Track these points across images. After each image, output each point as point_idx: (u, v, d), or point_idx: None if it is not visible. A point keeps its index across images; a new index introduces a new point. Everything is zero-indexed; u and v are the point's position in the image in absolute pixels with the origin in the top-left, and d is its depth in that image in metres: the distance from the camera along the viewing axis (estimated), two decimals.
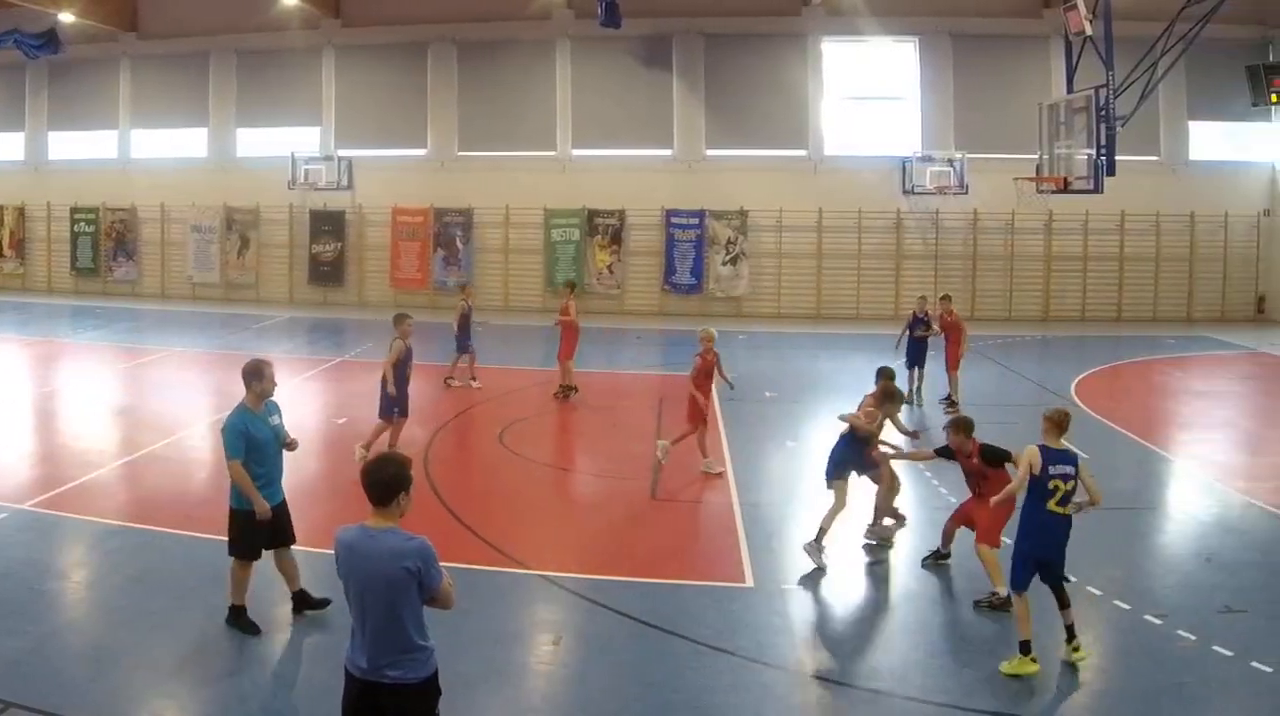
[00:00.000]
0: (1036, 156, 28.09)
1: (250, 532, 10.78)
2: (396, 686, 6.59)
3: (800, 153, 39.54)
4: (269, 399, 11.02)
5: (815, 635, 11.26)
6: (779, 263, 39.51)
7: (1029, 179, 28.32)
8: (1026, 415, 12.35)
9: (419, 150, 41.74)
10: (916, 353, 23.14)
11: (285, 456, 11.16)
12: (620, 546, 14.12)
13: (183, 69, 43.20)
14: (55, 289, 44.31)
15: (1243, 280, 38.67)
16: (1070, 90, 26.37)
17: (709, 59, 39.80)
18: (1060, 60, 28.85)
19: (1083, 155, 25.14)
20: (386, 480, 6.68)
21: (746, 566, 13.06)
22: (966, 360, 23.51)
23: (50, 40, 41.13)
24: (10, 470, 16.97)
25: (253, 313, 38.82)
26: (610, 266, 40.02)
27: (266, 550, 11.04)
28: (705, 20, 39.49)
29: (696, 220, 39.42)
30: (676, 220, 39.57)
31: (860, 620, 11.87)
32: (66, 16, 38.68)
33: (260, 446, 10.73)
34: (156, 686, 9.84)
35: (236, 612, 10.90)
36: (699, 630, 11.03)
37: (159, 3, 43.32)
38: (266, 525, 10.76)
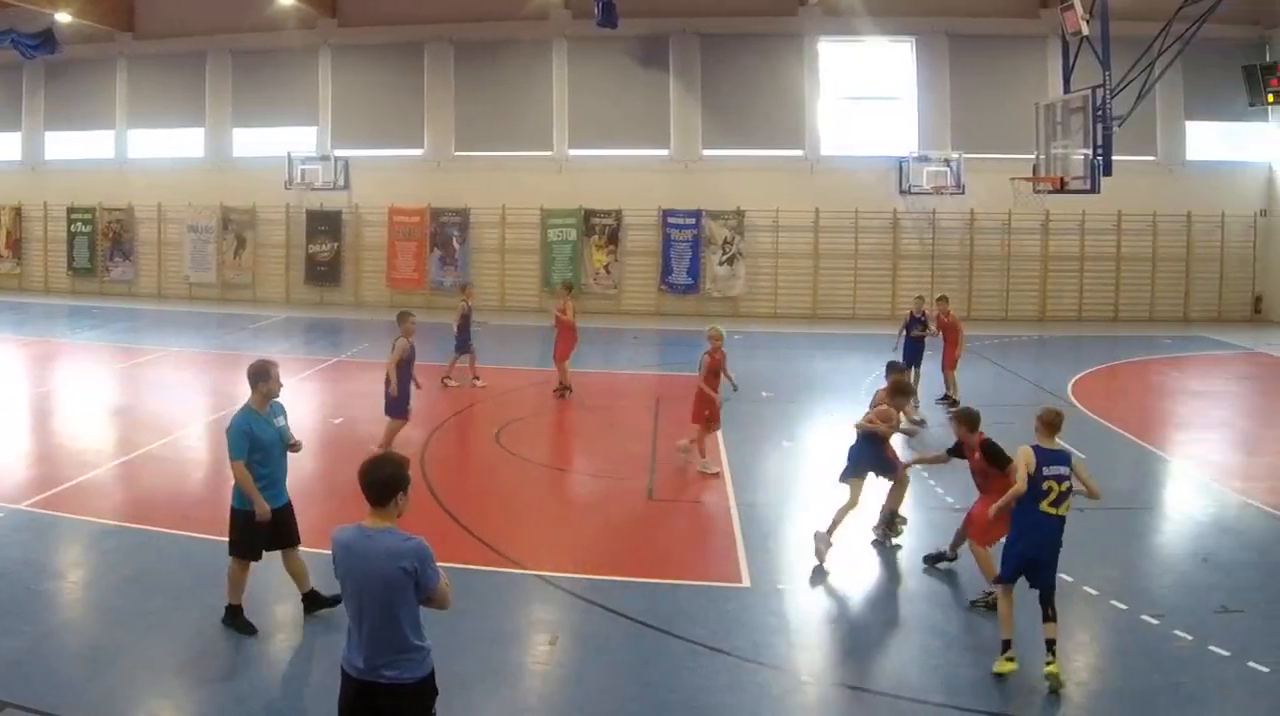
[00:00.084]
0: (1033, 156, 28.15)
1: (251, 533, 10.75)
2: (393, 686, 6.59)
3: (797, 153, 39.53)
4: (274, 400, 11.02)
5: (811, 635, 11.24)
6: (775, 263, 39.48)
7: (1026, 179, 28.37)
8: (1023, 415, 12.32)
9: (416, 150, 41.71)
10: (913, 352, 23.07)
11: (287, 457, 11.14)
12: (617, 546, 14.13)
13: (179, 69, 43.14)
14: (52, 289, 44.25)
15: (1239, 280, 38.67)
16: (1067, 90, 26.43)
17: (705, 59, 39.77)
18: (1057, 60, 28.91)
19: (1079, 155, 25.21)
20: (384, 480, 6.68)
21: (743, 566, 13.06)
22: (963, 360, 23.49)
23: (47, 40, 41.06)
24: (7, 470, 16.96)
25: (249, 313, 38.79)
26: (607, 266, 40.00)
27: (268, 551, 11.01)
28: (702, 20, 39.47)
29: (693, 220, 39.41)
30: (673, 220, 39.55)
31: (857, 620, 11.87)
32: (63, 16, 38.63)
33: (265, 447, 10.71)
34: (153, 686, 9.84)
35: (233, 612, 10.88)
36: (695, 630, 11.04)
37: (155, 3, 43.27)
38: (268, 526, 10.73)
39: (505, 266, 40.74)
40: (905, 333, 23.27)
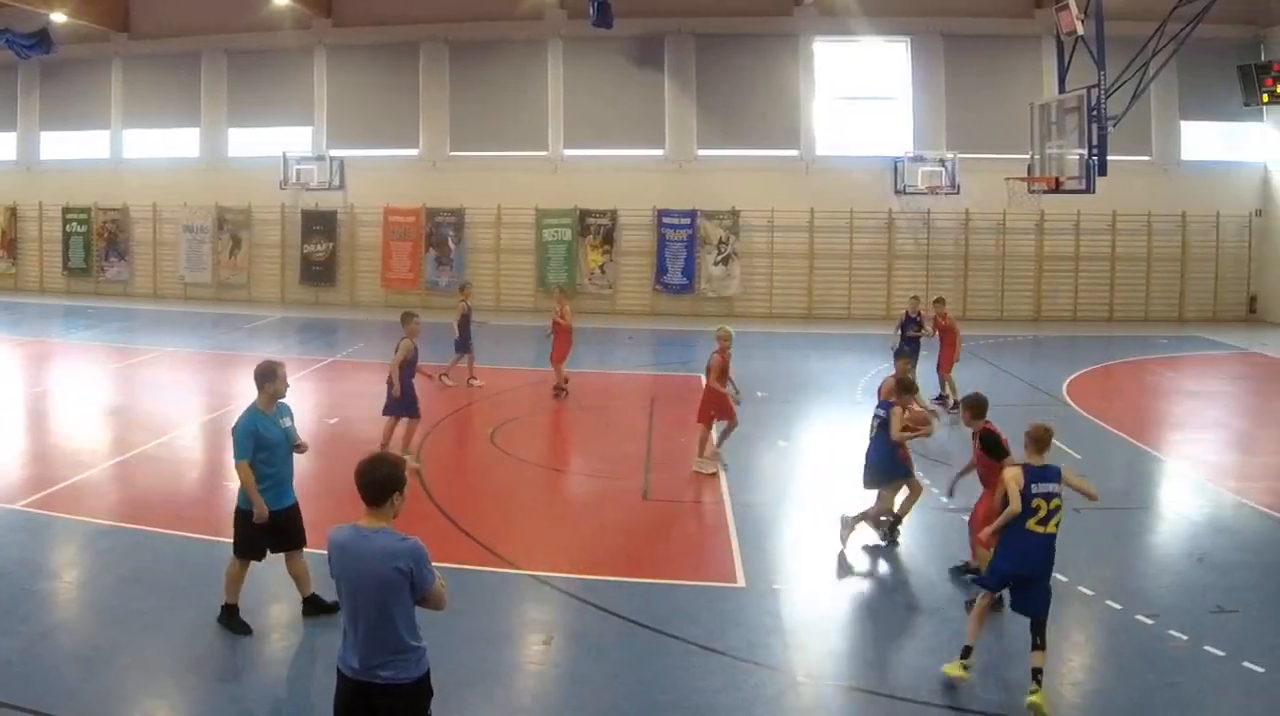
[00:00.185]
0: (1028, 156, 28.15)
1: (254, 534, 10.74)
2: (388, 686, 6.59)
3: (792, 153, 39.52)
4: (280, 400, 11.01)
5: (807, 635, 11.21)
6: (770, 263, 39.48)
7: (1021, 179, 28.39)
8: (1019, 415, 12.34)
9: (411, 150, 41.67)
10: (909, 353, 22.95)
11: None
12: (612, 546, 14.13)
13: (174, 69, 43.07)
14: (47, 289, 44.17)
15: (1234, 280, 38.69)
16: (1062, 90, 26.43)
17: (701, 59, 39.76)
18: (1052, 60, 28.93)
19: (1074, 155, 25.19)
20: (380, 480, 6.67)
21: (738, 566, 13.06)
22: (958, 360, 23.40)
23: (42, 40, 41.01)
24: (2, 470, 16.95)
25: (245, 313, 38.74)
26: (602, 266, 39.99)
27: (272, 553, 10.99)
28: (697, 20, 39.45)
29: (688, 220, 39.40)
30: (668, 220, 39.53)
31: (851, 620, 11.87)
32: (58, 16, 38.54)
33: (270, 447, 10.71)
34: (149, 686, 9.83)
35: (229, 611, 10.86)
36: (690, 630, 11.04)
37: (150, 3, 43.20)
38: (270, 528, 10.71)
39: (500, 266, 40.69)
40: (901, 333, 23.24)
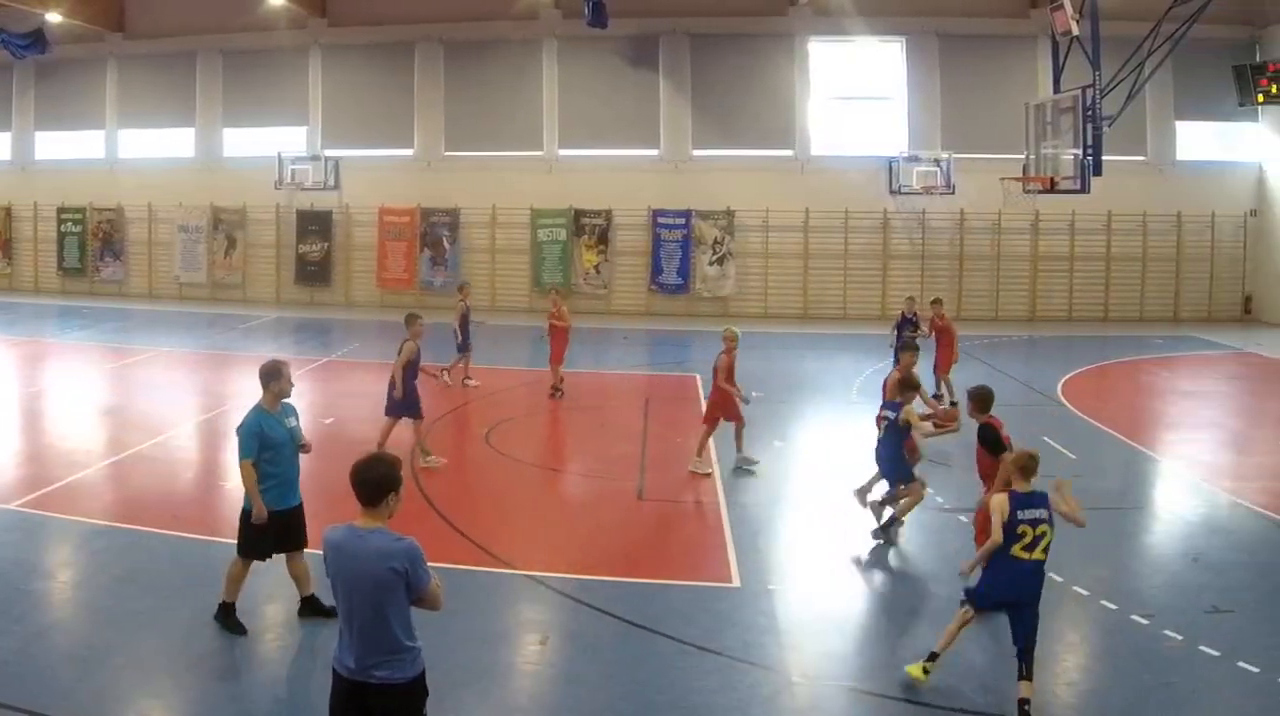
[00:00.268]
0: (1023, 156, 28.18)
1: (258, 535, 10.72)
2: (384, 686, 6.58)
3: (787, 153, 39.54)
4: (285, 400, 11.01)
5: (802, 635, 11.21)
6: (765, 263, 39.50)
7: (1016, 179, 28.40)
8: (1013, 416, 12.34)
9: (406, 150, 41.66)
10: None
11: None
12: (607, 546, 14.12)
13: (169, 69, 43.05)
14: (42, 289, 44.13)
15: (1229, 280, 38.75)
16: (1057, 90, 26.45)
17: (695, 59, 39.78)
18: (1047, 60, 29.02)
19: (1069, 155, 25.22)
20: (376, 480, 6.67)
21: (733, 566, 13.06)
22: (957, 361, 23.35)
23: (37, 40, 40.96)
24: None
25: (239, 313, 38.71)
26: (597, 266, 39.99)
27: (276, 553, 10.98)
28: (692, 20, 39.47)
29: (683, 220, 39.40)
30: (663, 220, 39.53)
31: (846, 620, 11.85)
32: (53, 16, 38.52)
33: (276, 447, 10.70)
34: (144, 686, 9.83)
35: (226, 610, 10.85)
36: (686, 630, 11.04)
37: (146, 3, 43.17)
38: (275, 528, 10.71)
39: (495, 266, 40.68)
40: (897, 334, 23.19)
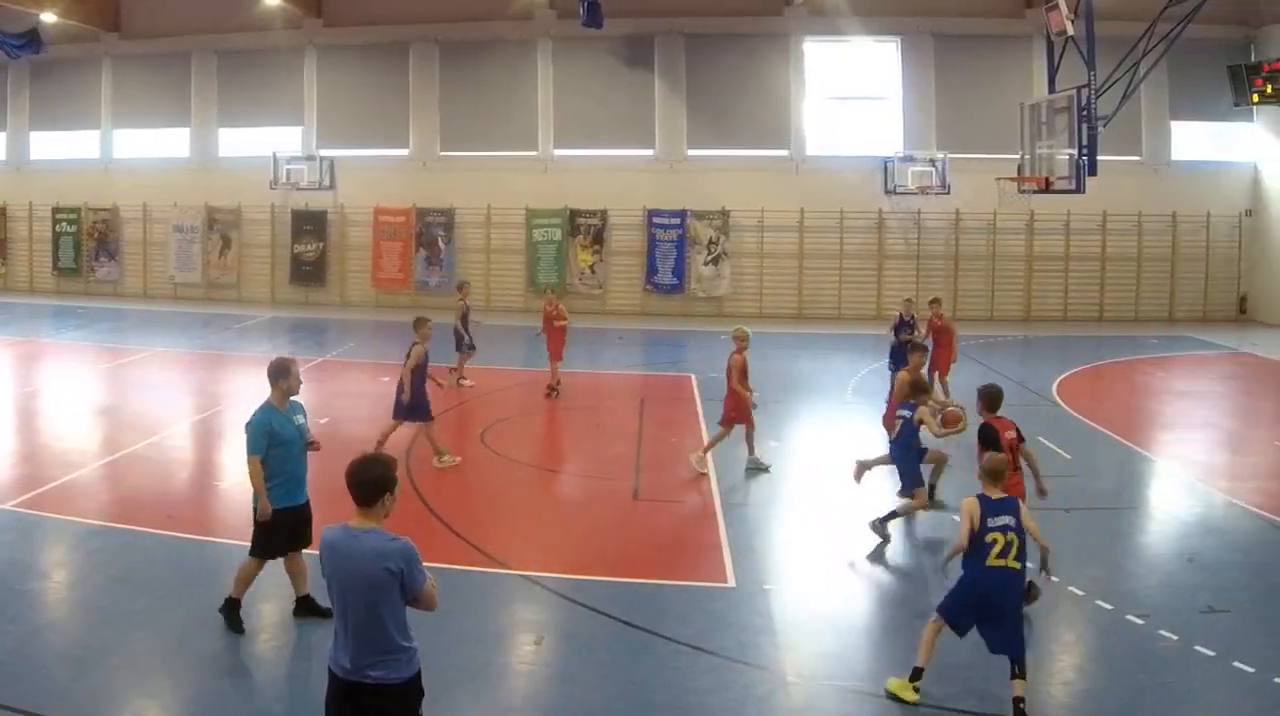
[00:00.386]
0: (1018, 156, 28.14)
1: (270, 533, 10.74)
2: (379, 686, 6.58)
3: (782, 153, 39.55)
4: (294, 398, 10.99)
5: (797, 635, 11.22)
6: (760, 263, 39.48)
7: (1011, 179, 28.38)
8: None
9: (401, 150, 41.63)
10: (901, 356, 22.70)
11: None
12: (602, 546, 14.13)
13: (164, 69, 43.02)
14: (37, 289, 44.08)
15: (1225, 280, 38.77)
16: (1052, 90, 26.44)
17: (691, 59, 39.76)
18: (1042, 60, 28.92)
19: (1064, 155, 25.21)
20: (373, 480, 6.67)
21: (728, 566, 13.06)
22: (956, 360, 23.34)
23: (32, 40, 40.85)
24: None
25: (234, 312, 38.67)
26: (592, 266, 39.97)
27: (290, 551, 10.99)
28: (687, 20, 39.46)
29: (678, 220, 39.39)
30: (658, 220, 39.53)
31: (842, 620, 11.83)
32: (48, 16, 38.46)
33: (285, 444, 10.73)
34: (139, 686, 9.82)
35: (231, 605, 10.85)
36: (681, 630, 11.05)
37: (140, 3, 43.11)
38: (286, 525, 10.72)
39: (490, 266, 40.63)
40: (894, 335, 23.10)
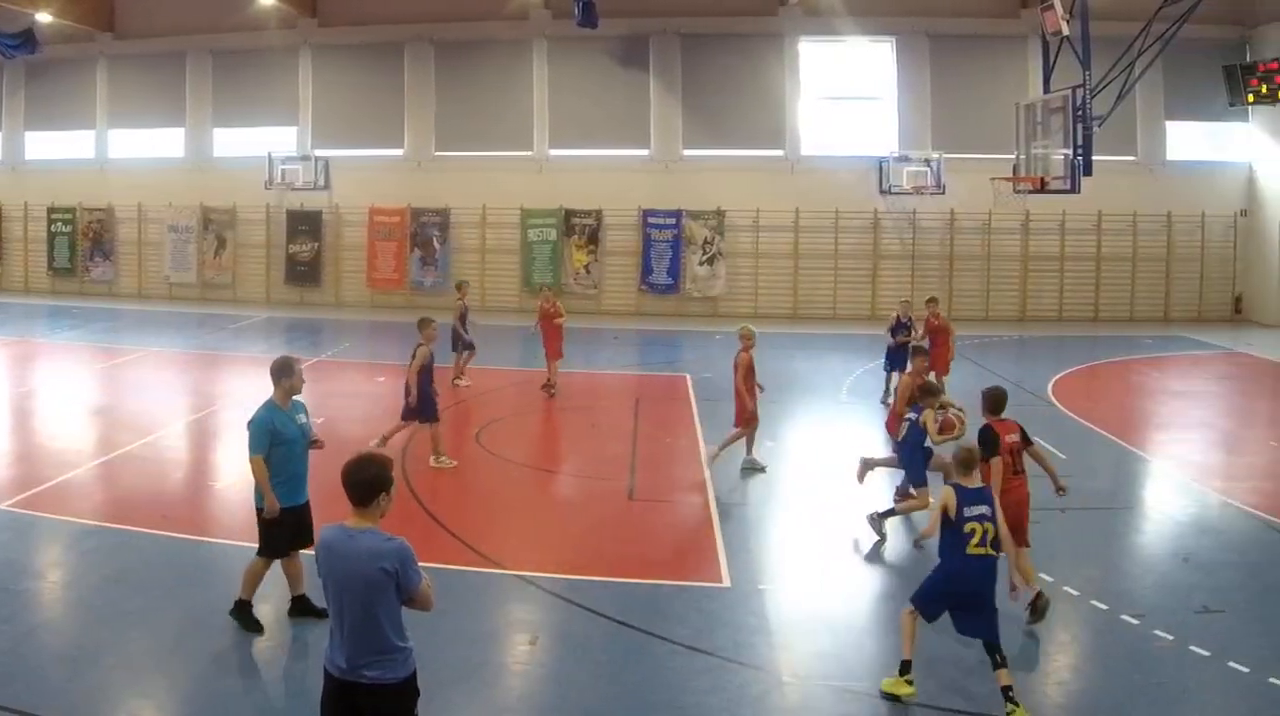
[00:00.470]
0: (1013, 156, 28.13)
1: (274, 531, 10.71)
2: (374, 686, 6.58)
3: (777, 153, 39.56)
4: (296, 397, 11.00)
5: (792, 635, 11.21)
6: (756, 263, 39.50)
7: (1006, 179, 28.39)
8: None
9: (396, 150, 41.62)
10: (897, 357, 22.70)
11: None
12: (598, 546, 14.12)
13: (159, 69, 42.99)
14: (32, 289, 44.03)
15: (1220, 280, 38.78)
16: (1047, 90, 26.43)
17: (686, 59, 39.76)
18: (1037, 60, 28.97)
19: (1060, 155, 25.19)
20: (368, 480, 6.67)
21: (724, 566, 13.06)
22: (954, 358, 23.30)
23: (27, 40, 40.80)
24: None
25: (230, 312, 38.65)
26: (587, 266, 39.97)
27: (294, 550, 10.96)
28: (682, 20, 39.47)
29: (673, 220, 39.40)
30: (653, 220, 39.53)
31: (837, 620, 11.80)
32: (43, 16, 38.42)
33: (288, 443, 10.71)
34: (134, 686, 9.82)
35: (242, 607, 10.86)
36: (676, 630, 11.05)
37: (136, 3, 43.06)
38: (289, 524, 10.69)
39: (485, 266, 40.60)
40: (891, 337, 23.06)
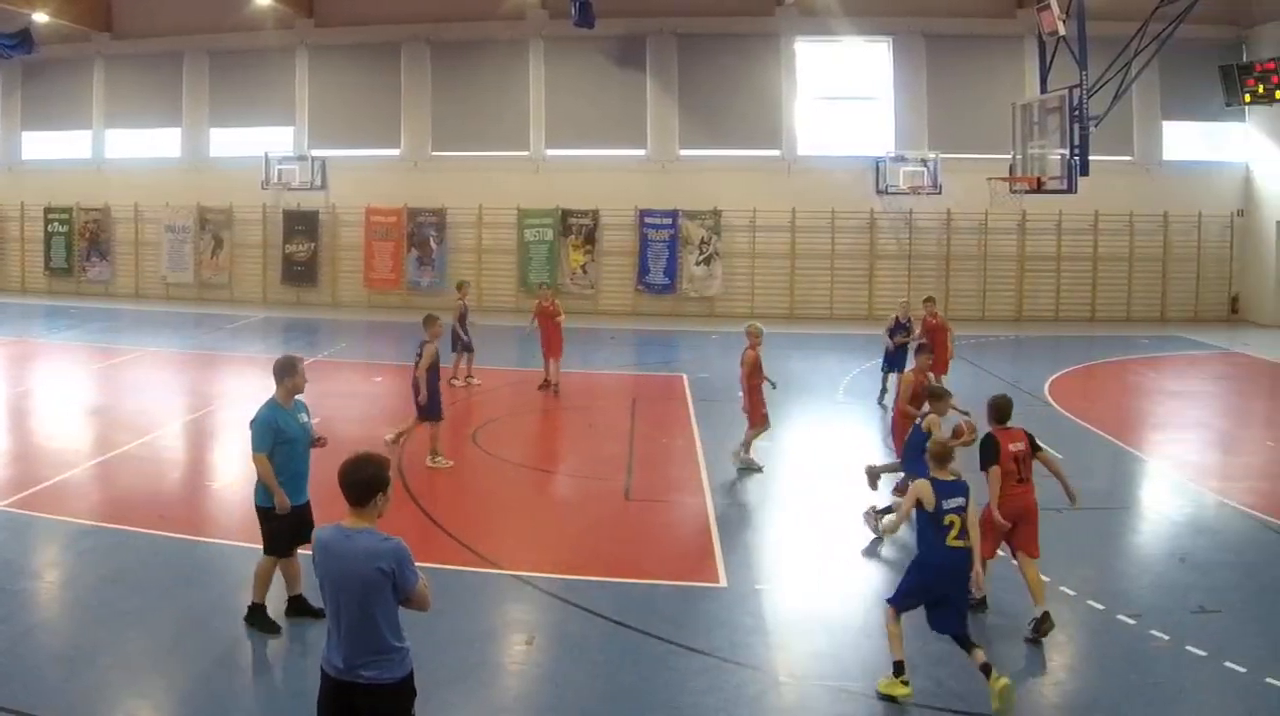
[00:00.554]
0: (1010, 156, 28.16)
1: (279, 530, 10.72)
2: (371, 686, 6.58)
3: (774, 153, 39.55)
4: (298, 397, 10.99)
5: (789, 635, 11.22)
6: (752, 263, 39.48)
7: (1003, 179, 28.41)
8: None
9: (392, 150, 41.60)
10: (895, 358, 22.69)
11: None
12: (594, 546, 14.12)
13: (156, 69, 42.94)
14: (29, 289, 43.97)
15: (1216, 280, 38.78)
16: (1044, 90, 26.46)
17: (682, 59, 39.75)
18: (1034, 60, 28.99)
19: (1056, 155, 25.22)
20: (365, 480, 6.68)
21: (720, 567, 13.06)
22: (953, 358, 23.33)
23: (24, 40, 40.77)
24: None
25: (227, 313, 38.62)
26: (584, 266, 39.96)
27: (297, 548, 10.92)
28: (679, 20, 39.47)
29: (670, 220, 39.38)
30: (650, 220, 39.51)
31: (833, 620, 11.80)
32: (40, 16, 38.33)
33: (290, 442, 10.73)
34: (131, 686, 9.82)
35: (257, 611, 10.87)
36: (672, 630, 11.05)
37: (132, 3, 43.01)
38: (291, 523, 10.68)
39: (482, 266, 40.57)
40: (889, 338, 23.04)
